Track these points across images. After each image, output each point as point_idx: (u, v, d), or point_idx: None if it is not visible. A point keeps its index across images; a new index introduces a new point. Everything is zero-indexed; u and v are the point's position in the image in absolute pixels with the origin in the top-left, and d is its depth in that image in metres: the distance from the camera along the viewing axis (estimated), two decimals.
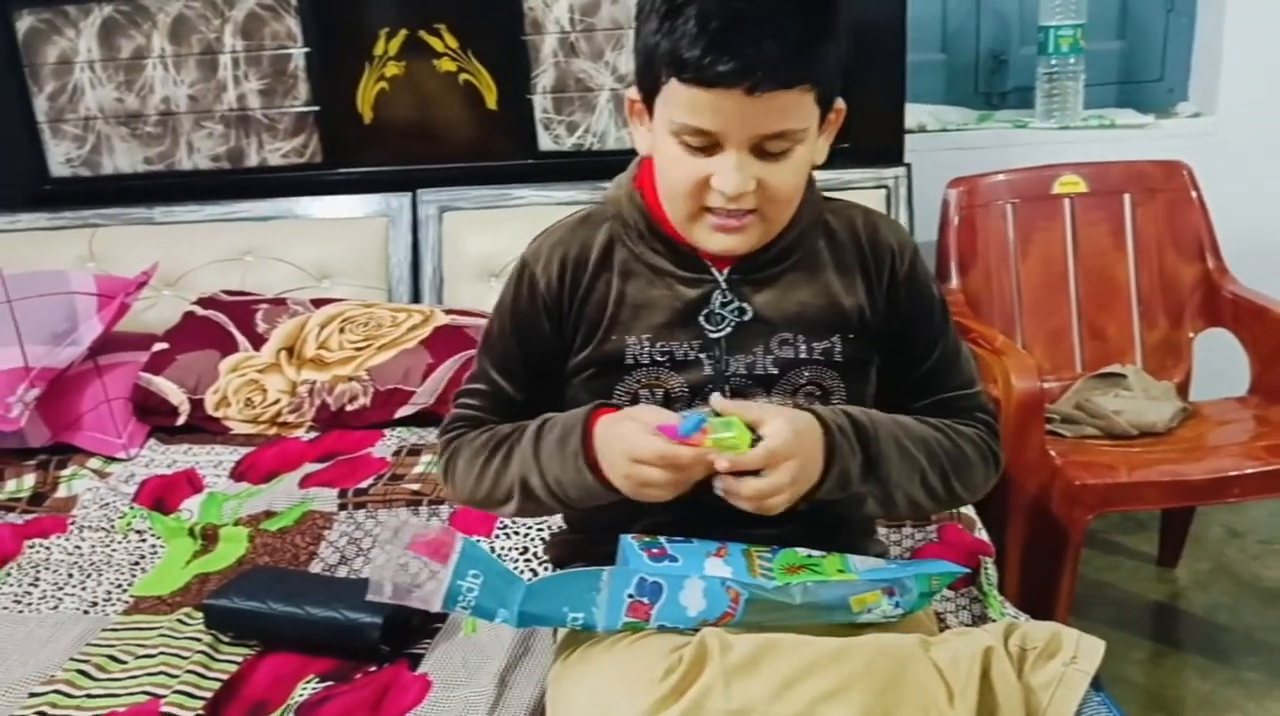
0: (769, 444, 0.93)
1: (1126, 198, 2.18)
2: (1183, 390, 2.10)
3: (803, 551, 1.01)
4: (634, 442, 0.94)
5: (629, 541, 0.98)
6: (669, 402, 1.04)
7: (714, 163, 0.95)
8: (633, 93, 1.02)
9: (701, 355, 1.03)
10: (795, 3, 0.92)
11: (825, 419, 0.98)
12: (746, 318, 1.04)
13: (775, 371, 1.04)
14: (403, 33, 2.21)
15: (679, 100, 0.93)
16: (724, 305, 1.04)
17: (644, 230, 1.05)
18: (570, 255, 1.06)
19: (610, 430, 0.97)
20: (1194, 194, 2.15)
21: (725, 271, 1.04)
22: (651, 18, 0.94)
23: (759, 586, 0.94)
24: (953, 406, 1.09)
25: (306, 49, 2.23)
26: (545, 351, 1.08)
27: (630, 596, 0.93)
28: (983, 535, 1.46)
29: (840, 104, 1.00)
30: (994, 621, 1.20)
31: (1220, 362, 2.10)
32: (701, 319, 1.04)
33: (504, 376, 1.10)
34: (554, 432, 1.02)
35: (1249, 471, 1.75)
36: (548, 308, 1.06)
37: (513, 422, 1.09)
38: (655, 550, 0.98)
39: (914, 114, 2.37)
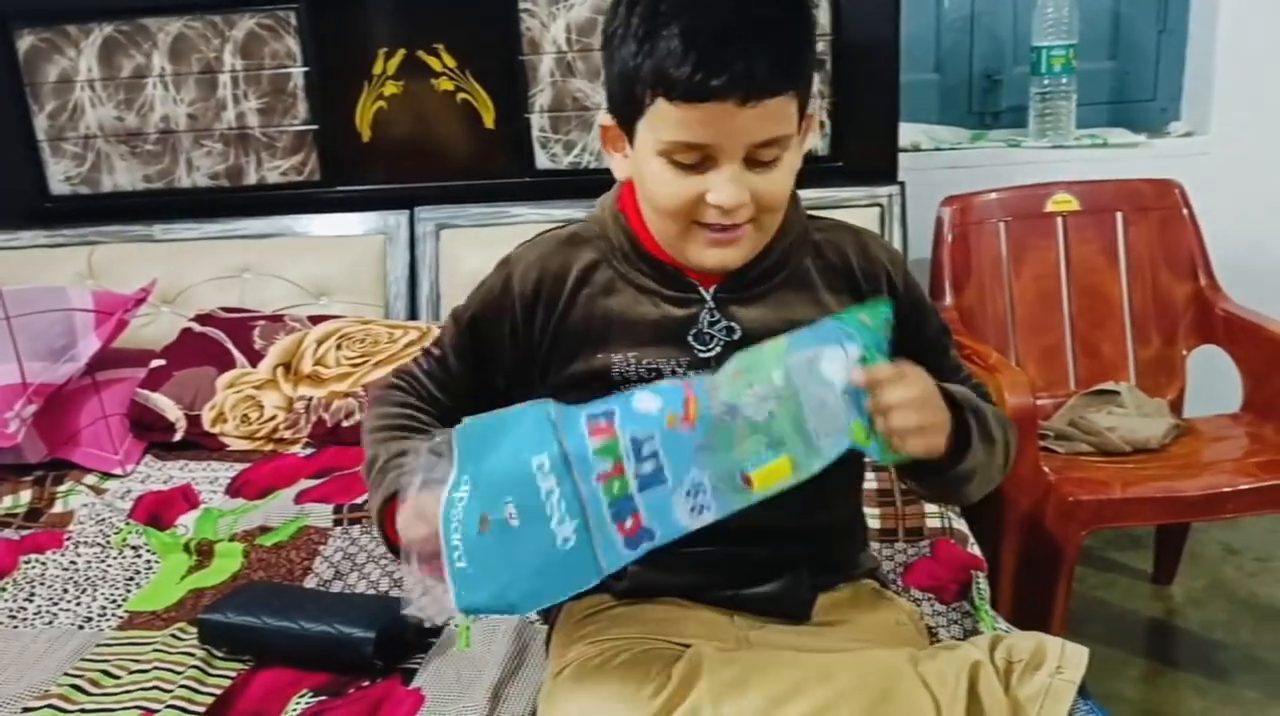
0: (900, 365, 0.88)
1: (1119, 216, 2.19)
2: (1176, 407, 2.11)
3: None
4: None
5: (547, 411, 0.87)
6: None
7: (707, 179, 0.94)
8: (606, 119, 1.00)
9: (690, 373, 1.02)
10: (779, 12, 0.92)
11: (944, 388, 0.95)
12: (736, 337, 1.03)
13: None
14: (401, 52, 2.23)
15: (668, 119, 0.92)
16: (712, 324, 1.03)
17: (629, 251, 1.05)
18: (550, 270, 1.06)
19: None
20: (1186, 212, 2.17)
21: (712, 290, 1.03)
22: (628, 40, 0.93)
23: (703, 379, 0.88)
24: None
25: (305, 68, 2.25)
26: (493, 353, 1.07)
27: (590, 418, 0.84)
28: (975, 550, 1.46)
29: (811, 110, 1.01)
30: (980, 634, 1.20)
31: (1213, 380, 2.11)
32: (690, 338, 1.03)
33: (455, 353, 1.10)
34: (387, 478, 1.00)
35: (1242, 487, 1.76)
36: (513, 313, 1.06)
37: (436, 406, 1.09)
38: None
39: (908, 133, 2.39)
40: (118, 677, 1.29)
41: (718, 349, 1.03)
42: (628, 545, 0.83)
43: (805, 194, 1.08)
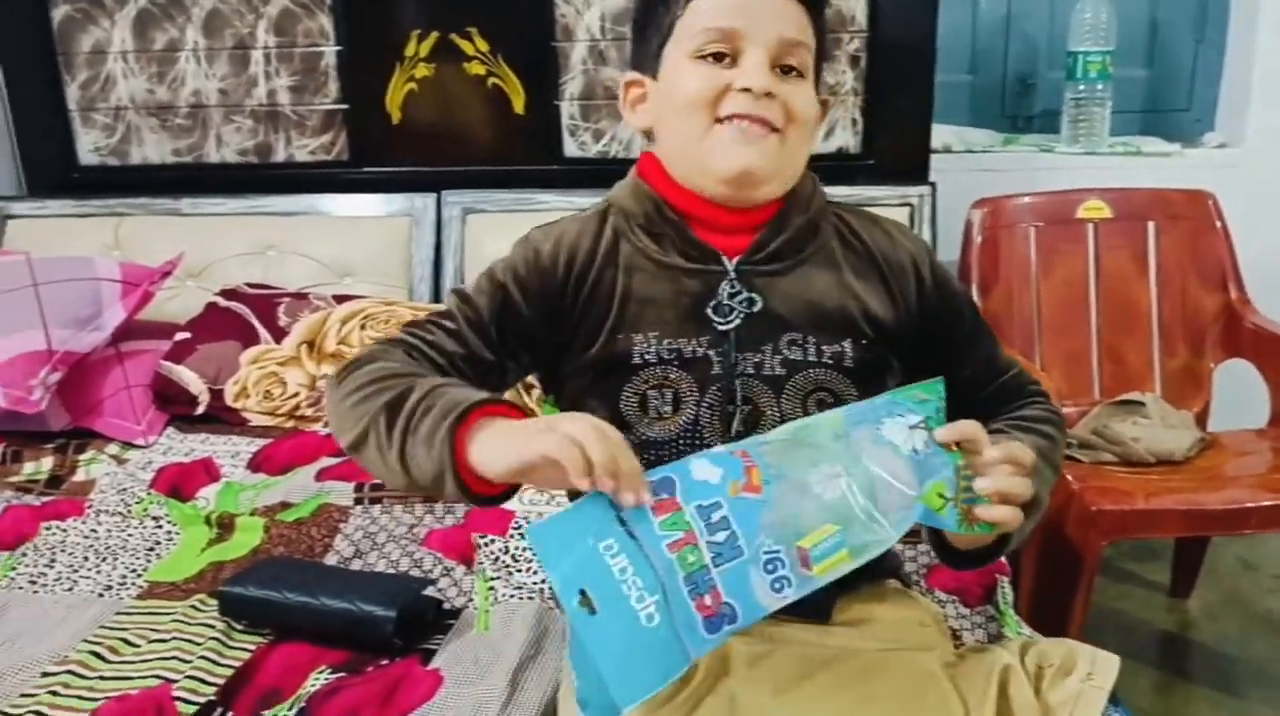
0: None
1: (1150, 225, 2.17)
2: (1201, 420, 2.09)
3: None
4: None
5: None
6: (678, 404, 0.99)
7: (734, 71, 0.97)
8: (630, 75, 1.05)
9: (710, 352, 0.99)
10: None
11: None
12: (756, 308, 1.00)
13: (783, 372, 0.99)
14: (434, 35, 2.22)
15: (700, 13, 0.98)
16: (732, 296, 1.00)
17: (652, 214, 1.02)
18: (580, 246, 1.02)
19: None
20: (1218, 224, 2.15)
21: (735, 260, 1.01)
22: None
23: (760, 441, 0.84)
24: (1009, 388, 1.08)
25: (338, 47, 2.25)
26: (520, 327, 1.01)
27: (651, 494, 0.80)
28: None
29: (824, 94, 1.04)
30: (1010, 639, 1.20)
31: (1240, 394, 2.09)
32: (709, 310, 1.00)
33: (472, 328, 1.00)
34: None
35: (1265, 503, 1.74)
36: (541, 288, 1.00)
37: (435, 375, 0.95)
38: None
39: (940, 134, 2.38)
40: (137, 646, 1.29)
41: (737, 322, 1.00)
42: (708, 627, 0.76)
43: (835, 191, 1.07)
